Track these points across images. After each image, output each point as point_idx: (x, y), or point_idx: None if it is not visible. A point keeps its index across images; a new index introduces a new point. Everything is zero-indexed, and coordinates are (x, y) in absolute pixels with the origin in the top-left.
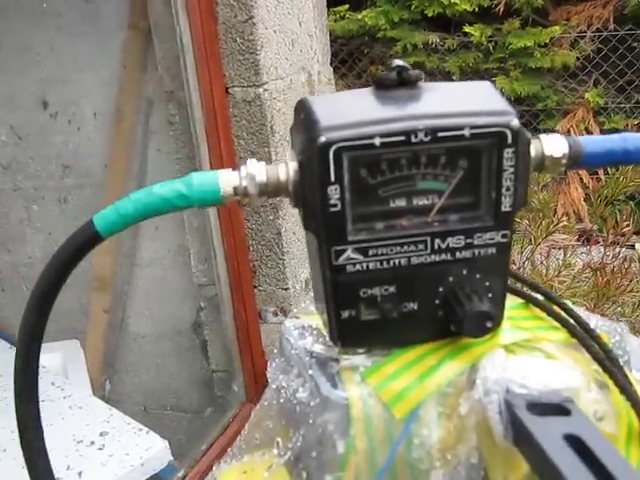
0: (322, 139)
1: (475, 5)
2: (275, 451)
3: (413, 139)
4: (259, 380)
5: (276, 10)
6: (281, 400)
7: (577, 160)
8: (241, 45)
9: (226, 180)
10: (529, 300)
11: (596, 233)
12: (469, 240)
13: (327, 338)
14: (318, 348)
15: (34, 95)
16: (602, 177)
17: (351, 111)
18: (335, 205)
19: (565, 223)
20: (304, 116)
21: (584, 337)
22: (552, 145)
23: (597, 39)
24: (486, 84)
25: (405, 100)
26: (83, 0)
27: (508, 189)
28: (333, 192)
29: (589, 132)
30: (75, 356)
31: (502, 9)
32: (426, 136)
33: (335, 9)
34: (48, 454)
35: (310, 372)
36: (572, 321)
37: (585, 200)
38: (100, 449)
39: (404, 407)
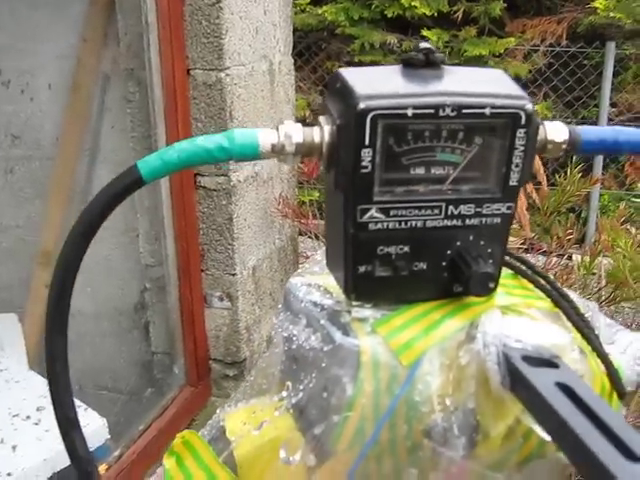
0: (361, 105)
1: (434, 10)
2: (284, 393)
3: (440, 113)
4: (200, 363)
5: None
6: (293, 347)
7: (575, 146)
8: (206, 28)
9: (265, 137)
10: (518, 272)
11: (537, 241)
12: (478, 209)
13: (334, 295)
14: (327, 302)
15: None
16: (545, 188)
17: (385, 84)
18: (366, 167)
19: (514, 226)
20: (341, 85)
21: (566, 307)
22: (554, 131)
23: (550, 54)
24: (499, 72)
25: (432, 79)
26: None
27: (517, 165)
28: (366, 155)
29: None
30: (12, 330)
31: (460, 16)
32: (452, 111)
33: (296, 2)
34: (72, 389)
35: (322, 322)
36: (555, 293)
37: (527, 209)
38: (36, 424)
39: (410, 355)
